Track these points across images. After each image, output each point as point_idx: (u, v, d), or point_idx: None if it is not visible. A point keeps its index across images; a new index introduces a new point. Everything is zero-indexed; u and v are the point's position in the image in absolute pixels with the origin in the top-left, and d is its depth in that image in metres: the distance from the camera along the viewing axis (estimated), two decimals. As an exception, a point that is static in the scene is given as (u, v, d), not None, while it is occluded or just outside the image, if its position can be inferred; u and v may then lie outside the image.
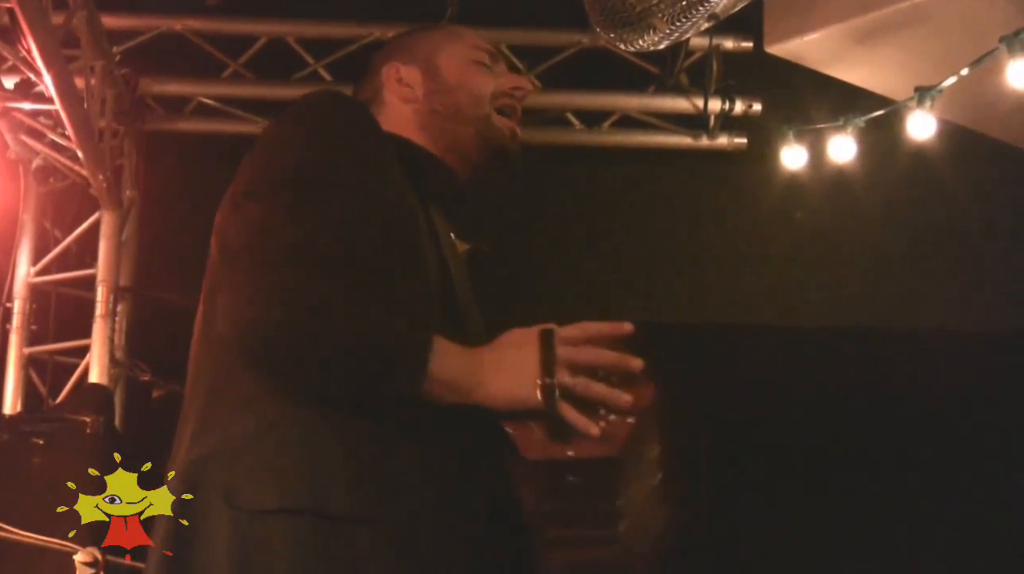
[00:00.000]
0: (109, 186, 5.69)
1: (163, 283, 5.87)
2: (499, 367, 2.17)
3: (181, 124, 6.37)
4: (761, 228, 6.48)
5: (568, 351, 2.17)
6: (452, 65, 2.67)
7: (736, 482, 6.46)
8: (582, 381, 2.15)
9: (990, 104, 5.43)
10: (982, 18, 4.98)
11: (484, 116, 2.62)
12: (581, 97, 6.50)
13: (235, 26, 6.35)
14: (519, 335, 2.21)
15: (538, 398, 2.13)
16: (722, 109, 6.41)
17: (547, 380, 2.13)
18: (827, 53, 5.48)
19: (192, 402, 2.31)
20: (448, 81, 2.64)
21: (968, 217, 6.43)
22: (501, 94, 2.66)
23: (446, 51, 2.69)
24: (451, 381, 2.15)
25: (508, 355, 2.19)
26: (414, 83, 2.64)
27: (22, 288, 5.89)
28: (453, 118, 2.61)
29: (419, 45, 2.73)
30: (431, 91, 2.63)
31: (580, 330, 2.21)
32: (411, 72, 2.66)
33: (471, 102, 2.62)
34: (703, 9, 4.16)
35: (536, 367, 2.15)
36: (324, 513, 2.11)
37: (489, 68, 2.70)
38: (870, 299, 6.53)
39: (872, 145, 5.83)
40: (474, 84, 2.65)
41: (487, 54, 2.72)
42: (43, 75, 4.82)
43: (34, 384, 5.84)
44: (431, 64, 2.67)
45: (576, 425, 2.12)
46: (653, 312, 6.43)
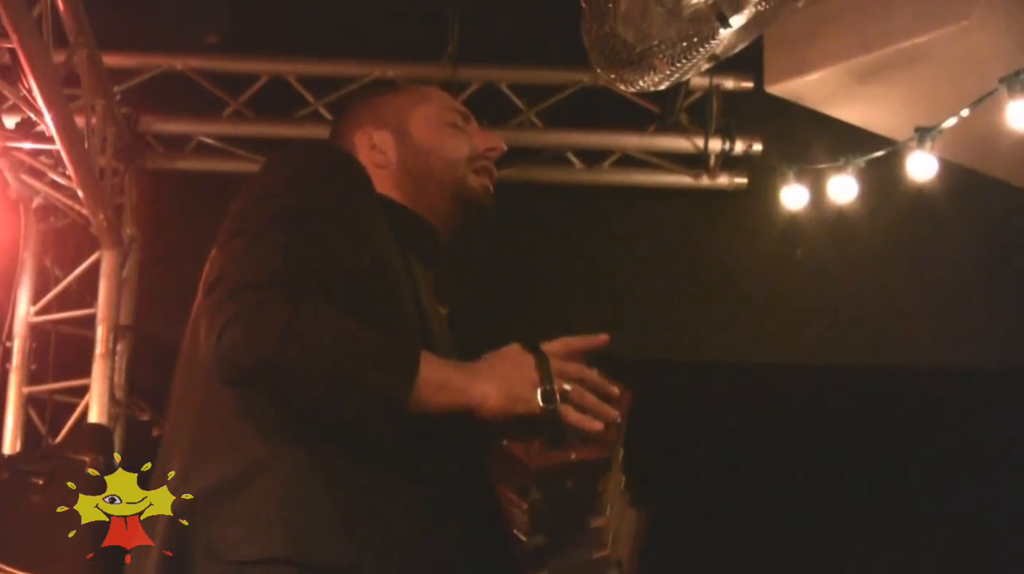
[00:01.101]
0: (110, 225, 5.68)
1: (163, 322, 5.86)
2: (494, 373, 2.20)
3: (182, 163, 6.38)
4: (762, 267, 6.48)
5: (560, 362, 2.23)
6: (423, 128, 2.64)
7: (735, 526, 6.44)
8: (578, 389, 2.21)
9: (990, 144, 5.44)
10: (982, 58, 4.99)
11: (460, 179, 2.61)
12: (581, 136, 6.51)
13: (236, 65, 6.36)
14: (508, 349, 2.25)
15: (539, 401, 2.17)
16: (722, 148, 6.41)
17: (548, 386, 2.18)
18: (827, 93, 5.50)
19: (177, 437, 2.30)
20: (421, 145, 2.62)
21: (969, 256, 6.43)
22: (477, 157, 2.65)
23: (417, 114, 2.66)
24: (444, 380, 2.16)
25: (502, 364, 2.22)
26: (386, 148, 2.61)
27: (22, 327, 5.88)
28: (426, 181, 2.59)
29: (389, 108, 2.69)
30: (404, 155, 2.61)
31: (563, 345, 2.27)
32: (383, 137, 2.62)
33: (444, 166, 2.61)
34: (703, 50, 4.16)
35: (535, 373, 2.19)
36: (307, 563, 2.10)
37: (461, 129, 2.68)
38: (870, 338, 6.52)
39: (873, 185, 5.84)
40: (447, 148, 2.63)
41: (458, 114, 2.70)
42: (44, 114, 4.82)
43: (34, 423, 5.83)
44: (402, 128, 2.64)
45: (580, 424, 2.18)
46: (654, 350, 6.42)
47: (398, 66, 6.31)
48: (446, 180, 2.60)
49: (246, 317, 2.09)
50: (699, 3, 4.05)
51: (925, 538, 6.44)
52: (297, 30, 6.24)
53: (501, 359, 2.23)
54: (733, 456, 6.38)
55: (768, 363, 6.49)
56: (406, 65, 6.29)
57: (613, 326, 2.36)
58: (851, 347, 6.53)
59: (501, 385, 2.18)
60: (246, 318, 2.09)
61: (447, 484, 2.25)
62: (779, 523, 6.43)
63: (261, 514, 2.13)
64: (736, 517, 6.43)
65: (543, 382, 2.18)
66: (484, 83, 6.36)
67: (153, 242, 6.19)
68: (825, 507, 6.43)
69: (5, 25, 4.31)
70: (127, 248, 6.03)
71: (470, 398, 2.17)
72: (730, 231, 6.58)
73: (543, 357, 2.21)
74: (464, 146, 2.64)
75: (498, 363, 2.22)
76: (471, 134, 2.68)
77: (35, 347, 5.92)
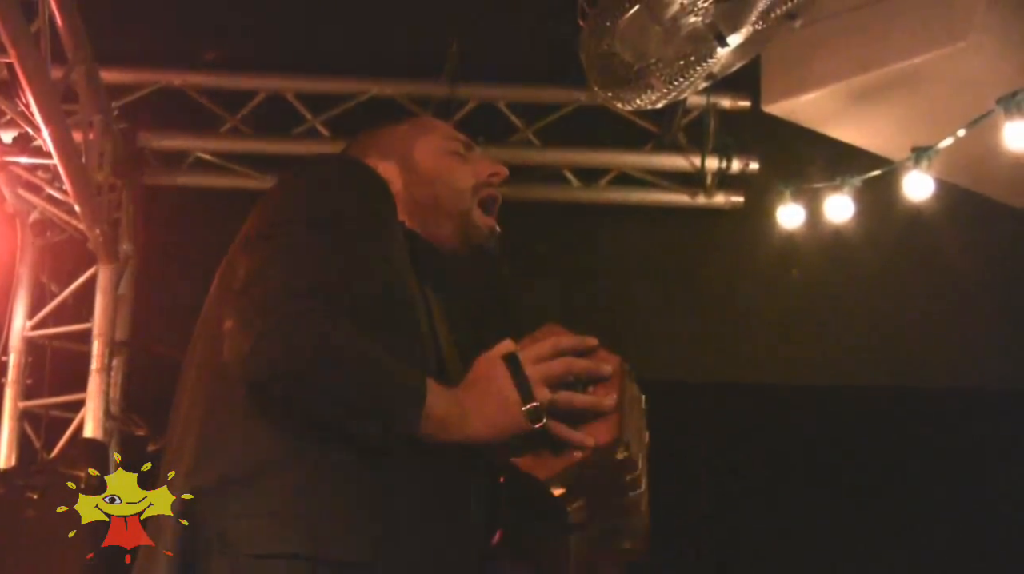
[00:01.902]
0: (106, 240, 5.68)
1: (159, 337, 5.86)
2: (479, 402, 2.21)
3: (179, 178, 6.38)
4: (758, 286, 6.48)
5: (541, 368, 2.24)
6: (428, 158, 2.65)
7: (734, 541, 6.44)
8: (564, 395, 2.23)
9: (986, 164, 5.44)
10: (978, 79, 5.00)
11: (465, 211, 2.61)
12: (578, 154, 6.52)
13: (234, 81, 6.37)
14: (486, 367, 2.26)
15: (526, 422, 2.19)
16: (719, 167, 6.42)
17: (530, 405, 2.19)
18: (824, 112, 5.50)
19: (185, 435, 2.29)
20: (426, 175, 2.63)
21: (965, 276, 6.43)
22: (482, 184, 2.65)
23: (421, 144, 2.67)
24: (442, 419, 2.17)
25: (482, 389, 2.23)
26: (393, 178, 2.59)
27: (18, 341, 5.88)
28: (434, 210, 2.60)
29: (393, 141, 2.70)
30: (410, 183, 2.61)
31: (552, 346, 2.30)
32: (389, 168, 2.61)
33: (450, 195, 2.62)
34: (701, 69, 4.18)
35: (515, 394, 2.20)
36: (322, 559, 2.10)
37: (464, 157, 2.68)
38: (866, 358, 6.52)
39: (869, 204, 5.84)
40: (452, 177, 2.64)
41: (460, 143, 2.70)
42: (41, 129, 4.82)
43: (29, 438, 5.82)
44: (408, 159, 2.65)
45: (571, 441, 2.20)
46: (649, 370, 6.39)
47: (396, 83, 6.33)
48: (452, 210, 2.61)
49: (285, 328, 2.11)
50: (697, 22, 4.07)
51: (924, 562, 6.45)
52: (295, 47, 6.25)
53: (481, 387, 2.23)
54: (726, 477, 6.38)
55: (764, 383, 6.49)
56: (404, 83, 6.30)
57: (609, 344, 2.37)
58: (847, 366, 6.53)
59: (487, 420, 2.20)
60: (285, 329, 2.11)
61: (460, 479, 2.27)
62: (775, 551, 6.43)
63: (277, 507, 2.13)
64: (732, 537, 6.43)
65: (524, 401, 2.19)
66: (482, 101, 6.37)
67: (149, 257, 6.18)
68: (819, 529, 6.43)
69: (3, 40, 4.32)
70: (123, 263, 6.02)
71: (462, 438, 2.19)
72: (726, 250, 6.59)
73: (520, 374, 2.22)
74: (469, 176, 2.65)
75: (479, 393, 2.22)
76: (474, 162, 2.69)
77: (31, 361, 5.91)
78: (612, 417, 2.23)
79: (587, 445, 2.20)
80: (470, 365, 2.34)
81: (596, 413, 2.24)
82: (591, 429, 2.22)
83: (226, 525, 2.12)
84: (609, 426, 2.22)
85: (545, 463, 2.21)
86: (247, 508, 2.14)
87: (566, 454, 2.21)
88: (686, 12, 4.02)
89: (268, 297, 2.15)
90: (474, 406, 2.20)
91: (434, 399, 2.16)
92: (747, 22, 4.05)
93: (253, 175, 6.27)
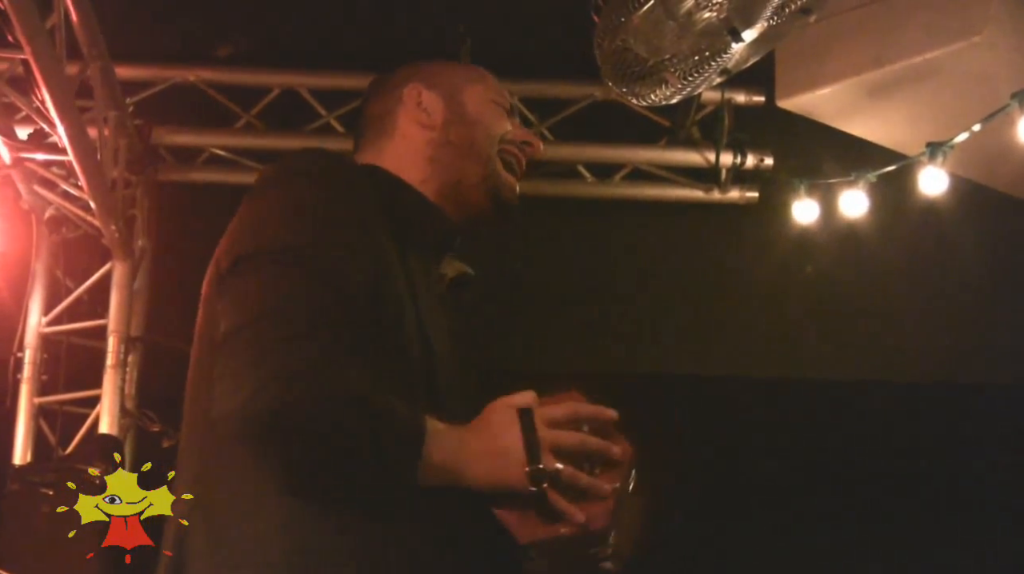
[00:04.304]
0: (121, 236, 5.69)
1: (174, 333, 5.85)
2: (485, 452, 2.14)
3: (193, 174, 6.39)
4: (772, 282, 6.48)
5: (554, 435, 2.16)
6: (475, 101, 2.62)
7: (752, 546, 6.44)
8: (568, 471, 2.14)
9: (1001, 159, 5.44)
10: (993, 73, 4.99)
11: (491, 157, 2.57)
12: (592, 150, 6.51)
13: (248, 77, 6.38)
14: (499, 415, 2.18)
15: (527, 485, 2.12)
16: (734, 163, 6.42)
17: (535, 467, 2.12)
18: (838, 107, 5.50)
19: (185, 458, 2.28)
20: (469, 114, 2.59)
21: (980, 271, 6.42)
22: (510, 141, 2.61)
23: (471, 87, 2.64)
24: (441, 464, 2.11)
25: (490, 440, 2.15)
26: (434, 110, 2.59)
27: (33, 338, 5.88)
28: (466, 153, 2.56)
29: (444, 74, 2.67)
30: (449, 120, 2.58)
31: (571, 411, 2.21)
32: (433, 98, 2.60)
33: (486, 139, 2.58)
34: (715, 64, 4.17)
35: (522, 453, 2.13)
36: None
37: (508, 114, 2.65)
38: (880, 353, 6.52)
39: (884, 200, 5.83)
40: (492, 123, 2.60)
41: (509, 104, 2.68)
42: (57, 126, 4.83)
43: (44, 434, 5.83)
44: (455, 96, 2.62)
45: (565, 513, 2.13)
46: (663, 364, 6.42)
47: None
48: (483, 154, 2.56)
49: (279, 383, 2.03)
50: (711, 18, 4.06)
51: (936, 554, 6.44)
52: (309, 43, 6.25)
53: (490, 435, 2.16)
54: (741, 471, 6.38)
55: (778, 377, 6.48)
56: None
57: (624, 340, 2.36)
58: (862, 362, 6.52)
59: (488, 472, 2.13)
60: (279, 384, 2.03)
61: (451, 523, 2.20)
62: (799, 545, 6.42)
63: (262, 558, 2.11)
64: (751, 533, 6.42)
65: (531, 462, 2.12)
66: (496, 96, 6.36)
67: (164, 253, 6.19)
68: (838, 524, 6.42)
69: (19, 36, 4.32)
70: (138, 259, 6.03)
71: (461, 483, 2.14)
72: (741, 245, 6.58)
73: (532, 433, 2.14)
74: (505, 124, 2.62)
75: (486, 441, 2.15)
76: (514, 125, 2.66)
77: (46, 358, 5.92)
78: (608, 504, 2.16)
79: (578, 521, 2.13)
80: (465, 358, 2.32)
81: (594, 495, 2.17)
82: (585, 509, 2.14)
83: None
84: (603, 512, 2.16)
85: (530, 527, 2.15)
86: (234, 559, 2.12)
87: (553, 525, 2.14)
88: (700, 7, 4.02)
89: (257, 348, 2.08)
90: (476, 454, 2.14)
91: (434, 443, 2.10)
92: (762, 17, 4.05)
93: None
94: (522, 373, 2.25)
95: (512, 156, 2.62)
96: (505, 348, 6.04)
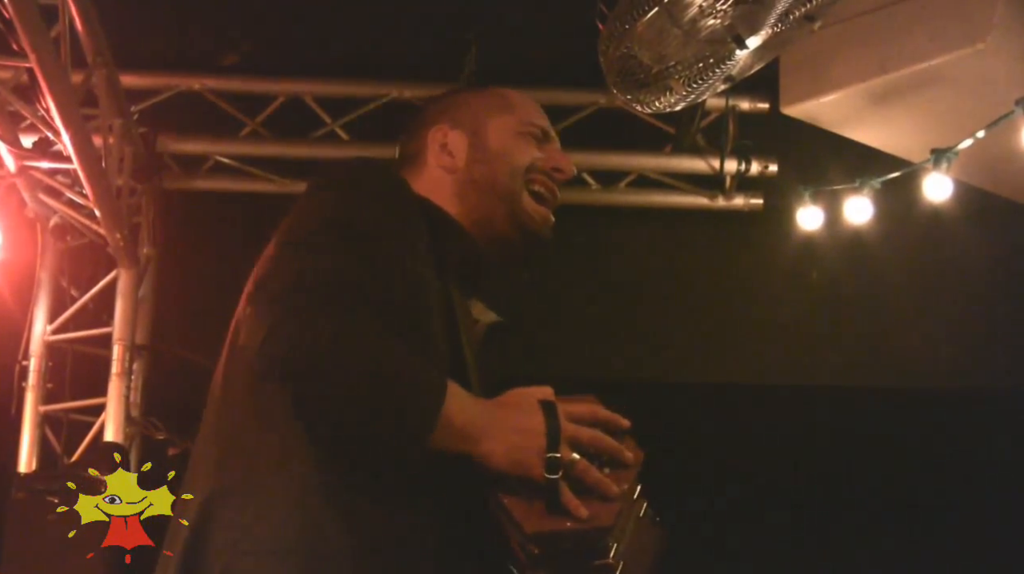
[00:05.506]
0: (126, 244, 5.69)
1: (180, 341, 5.88)
2: (507, 427, 2.15)
3: (198, 182, 6.40)
4: (777, 288, 6.48)
5: (573, 429, 2.17)
6: (498, 136, 2.60)
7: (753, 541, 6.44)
8: (583, 463, 2.16)
9: (1006, 165, 5.43)
10: (998, 80, 4.99)
11: (514, 192, 2.56)
12: (597, 157, 6.51)
13: (253, 85, 6.38)
14: (523, 399, 2.20)
15: (541, 470, 2.13)
16: (738, 170, 6.41)
17: (553, 455, 2.13)
18: (843, 114, 5.50)
19: (204, 456, 2.29)
20: (491, 150, 2.58)
21: (985, 278, 6.43)
22: (538, 171, 2.59)
23: (495, 121, 2.62)
24: (460, 427, 2.12)
25: (514, 417, 2.17)
26: (457, 151, 2.58)
27: (38, 346, 5.88)
28: (489, 191, 2.55)
29: (470, 108, 2.65)
30: (473, 159, 2.58)
31: (591, 412, 2.22)
32: (457, 138, 2.60)
33: (506, 173, 2.56)
34: (719, 71, 4.18)
35: (542, 438, 2.14)
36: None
37: (537, 142, 2.63)
38: (885, 359, 6.51)
39: (888, 206, 5.83)
40: (516, 156, 2.58)
41: (538, 129, 2.65)
42: (61, 134, 4.83)
43: (49, 442, 5.82)
44: (479, 133, 2.61)
45: (568, 506, 2.13)
46: (668, 371, 6.42)
47: (415, 87, 6.32)
48: (504, 191, 2.55)
49: (298, 318, 2.07)
50: (715, 25, 4.06)
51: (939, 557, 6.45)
52: (314, 51, 6.26)
53: (514, 414, 2.18)
54: (744, 479, 6.38)
55: (783, 385, 6.48)
56: (423, 86, 6.29)
57: (628, 347, 2.36)
58: (866, 368, 6.52)
59: (507, 447, 2.14)
60: (298, 319, 2.07)
61: (459, 521, 2.22)
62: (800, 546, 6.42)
63: (276, 546, 2.11)
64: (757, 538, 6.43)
65: (550, 448, 2.13)
66: (501, 104, 6.36)
67: (169, 261, 6.20)
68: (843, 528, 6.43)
69: (24, 45, 4.32)
70: (144, 267, 6.03)
71: (476, 451, 2.14)
72: (745, 252, 6.59)
73: (554, 422, 2.15)
74: (533, 153, 2.61)
75: (511, 418, 2.17)
76: (546, 151, 2.64)
77: (51, 366, 5.91)
78: (614, 505, 2.17)
79: (582, 516, 2.13)
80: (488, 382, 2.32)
81: (601, 494, 2.17)
82: (591, 507, 2.15)
83: (227, 561, 2.12)
84: (609, 512, 2.16)
85: (536, 517, 2.15)
86: (248, 546, 2.12)
87: (559, 518, 2.14)
88: (705, 15, 4.02)
89: (278, 294, 2.12)
90: (499, 426, 2.15)
91: (456, 403, 2.12)
92: (766, 25, 4.05)
93: (272, 179, 6.28)
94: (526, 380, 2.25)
95: (542, 186, 2.61)
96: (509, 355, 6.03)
